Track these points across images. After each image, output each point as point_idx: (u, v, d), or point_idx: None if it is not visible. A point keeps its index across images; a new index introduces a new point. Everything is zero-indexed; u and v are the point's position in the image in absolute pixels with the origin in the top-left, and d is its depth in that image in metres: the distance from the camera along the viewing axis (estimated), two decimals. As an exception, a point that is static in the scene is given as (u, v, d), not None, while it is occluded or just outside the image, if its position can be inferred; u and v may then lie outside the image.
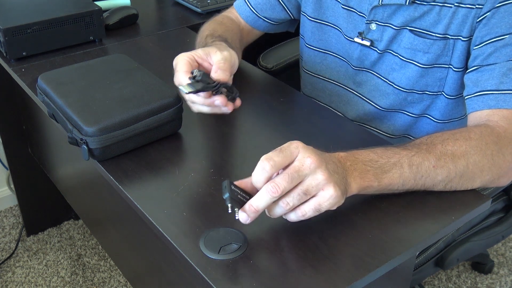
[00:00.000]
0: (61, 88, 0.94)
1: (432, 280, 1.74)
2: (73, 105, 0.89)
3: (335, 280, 0.68)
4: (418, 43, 1.00)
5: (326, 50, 1.17)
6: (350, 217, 0.78)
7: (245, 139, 0.97)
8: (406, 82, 1.05)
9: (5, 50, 1.17)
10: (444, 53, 0.99)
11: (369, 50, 1.08)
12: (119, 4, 1.42)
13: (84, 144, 0.85)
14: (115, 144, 0.87)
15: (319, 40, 1.17)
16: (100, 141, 0.85)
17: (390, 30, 1.03)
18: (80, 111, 0.88)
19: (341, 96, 1.18)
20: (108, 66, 1.01)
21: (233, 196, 0.70)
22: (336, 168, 0.72)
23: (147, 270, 1.11)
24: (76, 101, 0.90)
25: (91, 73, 0.99)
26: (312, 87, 1.24)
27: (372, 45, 1.07)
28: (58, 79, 0.97)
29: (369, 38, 1.06)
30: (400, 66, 1.04)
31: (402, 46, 1.03)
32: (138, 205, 0.80)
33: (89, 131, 0.85)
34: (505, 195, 1.25)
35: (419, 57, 1.01)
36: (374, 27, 1.05)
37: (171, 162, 0.89)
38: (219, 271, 0.69)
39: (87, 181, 1.30)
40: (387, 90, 1.08)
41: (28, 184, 1.80)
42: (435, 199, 0.81)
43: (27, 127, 1.64)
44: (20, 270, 1.78)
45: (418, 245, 0.74)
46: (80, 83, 0.96)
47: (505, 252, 1.85)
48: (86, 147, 0.85)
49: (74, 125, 0.88)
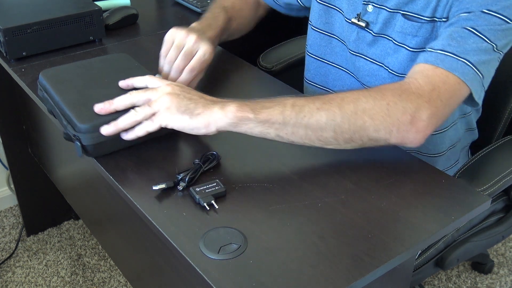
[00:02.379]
0: (61, 85, 0.95)
1: (432, 280, 1.74)
2: (69, 102, 0.91)
3: (335, 280, 0.68)
4: (407, 26, 1.00)
5: (330, 33, 1.17)
6: (350, 217, 0.78)
7: (245, 138, 0.97)
8: (398, 66, 1.05)
9: (5, 50, 1.17)
10: (432, 36, 0.99)
11: (365, 32, 1.08)
12: (119, 4, 1.42)
13: (77, 140, 0.87)
14: (108, 142, 0.88)
15: (325, 23, 1.17)
16: (92, 138, 0.86)
17: (384, 12, 1.03)
18: (75, 108, 0.89)
19: (343, 80, 1.18)
20: (109, 65, 1.02)
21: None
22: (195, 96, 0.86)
23: (147, 270, 1.11)
24: (73, 98, 0.92)
25: (91, 71, 1.00)
26: (315, 71, 1.23)
27: (367, 26, 1.07)
28: (59, 76, 0.98)
29: (365, 20, 1.07)
30: (394, 50, 1.04)
31: (396, 30, 1.03)
32: (138, 205, 0.80)
33: (82, 127, 0.86)
34: (505, 195, 1.25)
35: (409, 41, 1.01)
36: (371, 9, 1.05)
37: (168, 160, 0.89)
38: (219, 271, 0.69)
39: (87, 181, 1.30)
40: (383, 74, 1.08)
41: (28, 184, 1.80)
42: (435, 199, 0.81)
43: (27, 127, 1.64)
44: (20, 270, 1.78)
45: (418, 245, 0.74)
46: (80, 81, 0.97)
47: (505, 252, 1.85)
48: (79, 144, 0.87)
49: (68, 121, 0.89)
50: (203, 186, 0.81)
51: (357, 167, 0.88)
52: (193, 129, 0.84)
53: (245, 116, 0.82)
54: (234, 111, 0.82)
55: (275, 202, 0.80)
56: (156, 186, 0.81)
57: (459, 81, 0.87)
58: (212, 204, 0.79)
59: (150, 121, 0.85)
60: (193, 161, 0.87)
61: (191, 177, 0.83)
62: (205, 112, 0.83)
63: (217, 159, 0.88)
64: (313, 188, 0.83)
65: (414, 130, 0.84)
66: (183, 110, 0.83)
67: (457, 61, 0.87)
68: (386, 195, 0.81)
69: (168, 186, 0.82)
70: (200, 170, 0.85)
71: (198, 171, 0.85)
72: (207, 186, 0.81)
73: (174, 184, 0.83)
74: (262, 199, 0.81)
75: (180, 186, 0.82)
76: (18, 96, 1.57)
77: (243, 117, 0.82)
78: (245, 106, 0.83)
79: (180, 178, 0.83)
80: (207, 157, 0.88)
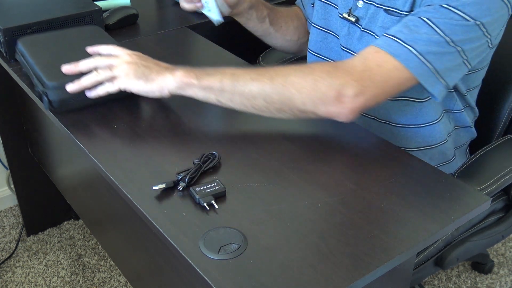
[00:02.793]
0: (35, 50, 1.08)
1: (432, 280, 1.74)
2: (41, 64, 1.04)
3: (335, 280, 0.68)
4: (387, 21, 1.01)
5: (327, 29, 1.18)
6: (350, 217, 0.78)
7: (245, 138, 0.97)
8: None
9: (5, 50, 1.17)
10: None
11: (355, 27, 1.08)
12: (119, 4, 1.42)
13: (45, 95, 0.99)
14: (72, 98, 0.99)
15: (323, 19, 1.18)
16: (58, 94, 0.99)
17: (372, 7, 1.04)
18: (45, 68, 1.02)
19: None
20: (82, 35, 1.15)
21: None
22: (151, 64, 0.97)
23: (147, 270, 1.11)
24: (45, 61, 1.04)
25: (65, 39, 1.13)
26: None
27: (357, 21, 1.08)
28: (35, 43, 1.11)
29: (355, 15, 1.08)
30: None
31: (378, 25, 1.03)
32: (138, 205, 0.80)
33: (49, 84, 0.99)
34: (505, 195, 1.25)
35: None
36: (361, 5, 1.06)
37: (168, 160, 0.89)
38: (219, 271, 0.69)
39: (87, 181, 1.30)
40: None
41: (28, 184, 1.80)
42: (435, 199, 0.82)
43: (27, 127, 1.64)
44: (20, 270, 1.78)
45: (418, 245, 0.74)
46: (54, 47, 1.09)
47: (505, 252, 1.85)
48: (46, 99, 0.99)
49: (39, 79, 1.01)
50: (203, 186, 0.82)
51: (357, 167, 0.89)
52: (148, 92, 0.97)
53: (190, 81, 0.93)
54: (181, 76, 0.94)
55: (275, 202, 0.81)
56: (156, 186, 0.81)
57: (399, 67, 0.90)
58: (212, 204, 0.79)
59: (110, 83, 0.98)
60: (193, 161, 0.87)
61: (191, 177, 0.83)
62: (158, 77, 0.95)
63: (217, 159, 0.88)
64: (313, 188, 0.83)
65: (340, 106, 0.89)
66: (139, 76, 0.96)
67: (402, 47, 0.90)
68: (386, 195, 0.81)
69: (168, 186, 0.82)
70: (200, 170, 0.85)
71: (198, 171, 0.85)
72: (207, 186, 0.82)
73: (174, 184, 0.83)
74: (262, 199, 0.81)
75: (180, 186, 0.82)
76: (18, 96, 1.57)
77: (188, 82, 0.93)
78: (191, 72, 0.94)
79: (180, 178, 0.83)
80: (207, 156, 0.88)
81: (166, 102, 1.05)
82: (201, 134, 0.98)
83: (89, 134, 0.96)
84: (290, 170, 0.87)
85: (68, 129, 0.97)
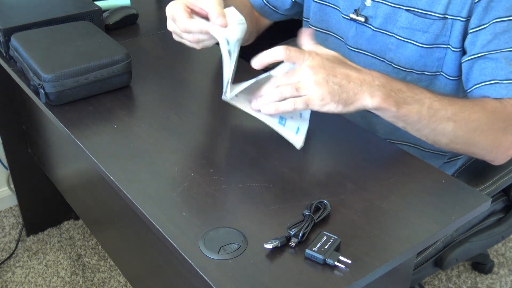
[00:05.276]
0: (28, 45, 1.09)
1: (432, 280, 1.74)
2: (35, 57, 1.05)
3: (335, 280, 0.68)
4: (417, 22, 1.01)
5: (327, 31, 1.17)
6: (350, 217, 0.78)
7: (245, 138, 0.97)
8: (405, 62, 1.05)
9: (5, 50, 1.17)
10: (442, 33, 1.00)
11: (364, 27, 1.08)
12: (119, 4, 1.42)
13: (42, 88, 1.00)
14: (68, 90, 1.01)
15: (321, 20, 1.18)
16: (55, 87, 0.99)
17: (385, 7, 1.04)
18: (40, 61, 1.03)
19: None
20: (73, 30, 1.16)
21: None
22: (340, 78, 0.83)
23: (147, 270, 1.11)
24: (39, 55, 1.06)
25: (57, 34, 1.14)
26: None
27: (367, 21, 1.07)
28: (28, 38, 1.12)
29: (363, 15, 1.07)
30: (397, 46, 1.04)
31: (399, 26, 1.03)
32: (138, 205, 0.80)
33: (46, 77, 0.99)
34: (505, 196, 1.25)
35: (418, 37, 1.02)
36: (369, 4, 1.06)
37: (171, 162, 0.89)
38: (219, 271, 0.69)
39: (87, 181, 1.30)
40: (386, 69, 1.07)
41: (28, 184, 1.80)
42: (435, 199, 0.82)
43: (27, 127, 1.64)
44: (20, 270, 1.78)
45: (418, 245, 0.74)
46: (46, 41, 1.11)
47: (505, 252, 1.85)
48: (43, 91, 1.00)
49: (34, 73, 1.02)
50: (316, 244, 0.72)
51: (357, 167, 0.89)
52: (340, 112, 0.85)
53: (389, 109, 0.85)
54: (379, 101, 0.84)
55: (275, 202, 0.81)
56: (268, 244, 0.72)
57: None
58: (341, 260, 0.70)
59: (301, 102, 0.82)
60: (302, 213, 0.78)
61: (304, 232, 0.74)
62: (356, 101, 0.84)
63: (328, 210, 0.78)
64: (313, 188, 0.83)
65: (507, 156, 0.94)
66: (336, 100, 0.83)
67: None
68: (386, 195, 0.81)
69: (282, 244, 0.72)
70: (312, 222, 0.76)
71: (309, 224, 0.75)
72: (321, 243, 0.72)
73: (286, 240, 0.73)
74: (262, 199, 0.81)
75: (292, 242, 0.73)
76: (18, 96, 1.57)
77: (386, 109, 0.85)
78: (390, 98, 0.84)
79: (293, 233, 0.73)
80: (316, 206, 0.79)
81: (166, 102, 1.05)
82: (201, 134, 0.98)
83: (89, 134, 0.96)
84: (290, 170, 0.87)
85: (68, 129, 0.97)
